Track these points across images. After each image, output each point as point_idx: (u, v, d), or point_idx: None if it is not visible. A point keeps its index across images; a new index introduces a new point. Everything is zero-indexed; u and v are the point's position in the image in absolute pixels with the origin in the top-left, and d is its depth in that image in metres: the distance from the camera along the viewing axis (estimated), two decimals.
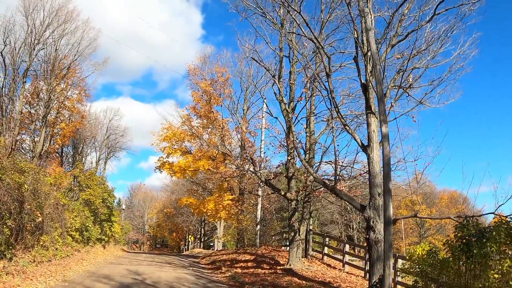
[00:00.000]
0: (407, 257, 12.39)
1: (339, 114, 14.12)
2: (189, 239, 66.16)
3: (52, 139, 39.37)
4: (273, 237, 31.64)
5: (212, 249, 46.51)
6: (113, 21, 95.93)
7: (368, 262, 18.80)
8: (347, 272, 19.65)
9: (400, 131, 20.22)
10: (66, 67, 36.18)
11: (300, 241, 19.08)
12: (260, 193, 26.51)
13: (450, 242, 9.61)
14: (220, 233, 45.15)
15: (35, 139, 35.97)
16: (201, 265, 23.95)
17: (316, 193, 18.91)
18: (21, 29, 32.95)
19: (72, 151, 46.15)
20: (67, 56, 36.09)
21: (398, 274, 15.99)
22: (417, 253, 11.58)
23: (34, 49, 33.74)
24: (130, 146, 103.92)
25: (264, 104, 24.69)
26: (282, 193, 19.18)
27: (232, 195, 34.28)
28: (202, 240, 62.59)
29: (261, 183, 24.30)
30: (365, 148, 13.45)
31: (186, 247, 67.67)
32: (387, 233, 10.28)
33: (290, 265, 18.69)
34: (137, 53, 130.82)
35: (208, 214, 35.58)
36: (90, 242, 25.92)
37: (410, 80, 14.55)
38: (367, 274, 18.61)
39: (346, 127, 14.12)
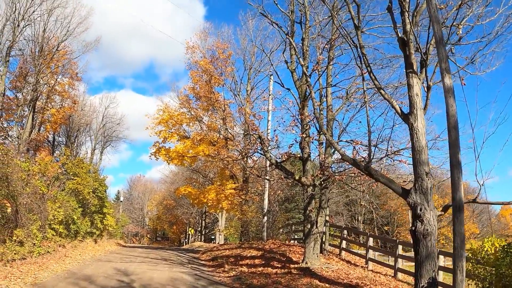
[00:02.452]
0: (469, 255, 9.44)
1: (371, 74, 11.20)
2: (190, 232, 63.91)
3: (42, 126, 36.88)
4: (281, 230, 28.75)
5: (214, 243, 43.97)
6: (115, 14, 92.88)
7: (395, 259, 16.19)
8: (372, 271, 16.72)
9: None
10: (55, 47, 33.50)
11: (317, 235, 16.01)
12: (268, 177, 23.56)
13: None
14: (222, 226, 42.55)
15: (24, 125, 33.39)
16: (201, 262, 21.42)
17: (338, 177, 15.85)
18: (6, 5, 30.39)
19: (65, 139, 43.64)
20: (56, 36, 33.53)
21: None
22: (486, 249, 8.70)
23: (18, 25, 31.06)
24: (128, 135, 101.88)
25: (274, 73, 21.69)
26: (296, 178, 16.11)
27: (235, 183, 31.46)
28: (203, 233, 60.58)
29: (269, 167, 21.36)
30: (406, 116, 10.66)
31: (186, 240, 65.55)
32: (458, 223, 7.34)
33: (306, 263, 15.71)
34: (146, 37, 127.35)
35: (209, 204, 32.90)
36: (79, 236, 23.59)
37: (460, 33, 11.58)
38: (398, 273, 15.83)
39: (381, 90, 11.22)
